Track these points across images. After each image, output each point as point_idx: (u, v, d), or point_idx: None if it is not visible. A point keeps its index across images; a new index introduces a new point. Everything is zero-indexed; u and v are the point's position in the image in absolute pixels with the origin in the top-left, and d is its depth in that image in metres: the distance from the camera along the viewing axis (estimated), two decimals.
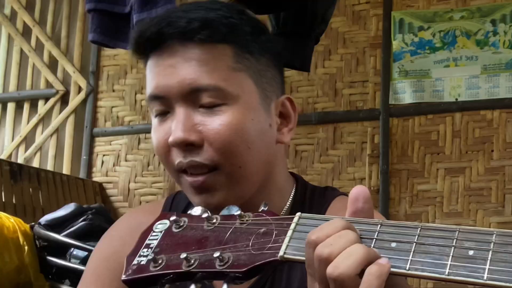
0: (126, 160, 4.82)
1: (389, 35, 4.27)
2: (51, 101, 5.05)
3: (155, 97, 1.02)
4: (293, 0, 2.43)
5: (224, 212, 0.79)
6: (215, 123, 0.98)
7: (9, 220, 3.05)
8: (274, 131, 1.04)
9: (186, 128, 0.98)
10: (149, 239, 0.80)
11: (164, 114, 1.02)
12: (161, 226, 0.82)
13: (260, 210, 0.78)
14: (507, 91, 4.00)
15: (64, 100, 5.06)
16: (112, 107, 4.95)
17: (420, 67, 4.18)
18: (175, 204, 1.16)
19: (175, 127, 0.98)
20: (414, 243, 0.67)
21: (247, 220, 0.77)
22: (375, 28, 4.35)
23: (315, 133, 4.35)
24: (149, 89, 1.03)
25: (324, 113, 4.35)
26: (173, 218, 0.81)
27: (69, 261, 3.05)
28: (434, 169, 4.07)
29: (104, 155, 4.90)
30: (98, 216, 3.28)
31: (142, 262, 0.77)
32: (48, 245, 3.11)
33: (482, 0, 4.14)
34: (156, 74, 1.02)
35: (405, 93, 4.18)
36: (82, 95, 5.00)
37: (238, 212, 0.78)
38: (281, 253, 0.71)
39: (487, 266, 0.62)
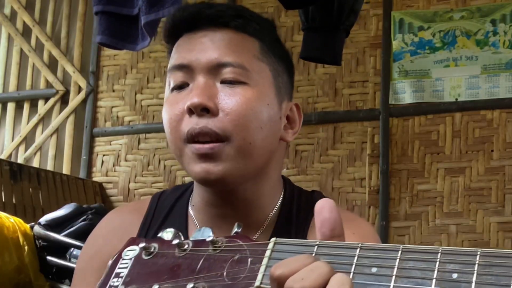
0: (126, 160, 4.82)
1: (389, 35, 4.26)
2: (51, 101, 5.05)
3: (179, 66, 1.04)
4: None
5: (197, 236, 0.76)
6: (234, 97, 1.02)
7: (9, 220, 3.05)
8: (281, 127, 1.09)
9: (204, 93, 1.01)
10: (118, 268, 0.77)
11: (182, 87, 1.04)
12: (131, 252, 0.78)
13: (233, 233, 0.74)
14: (507, 91, 3.99)
15: (64, 100, 5.06)
16: (112, 107, 4.95)
17: (420, 67, 4.18)
18: (161, 202, 1.16)
19: (193, 93, 1.01)
20: (395, 268, 0.63)
21: (219, 246, 0.73)
22: (375, 28, 4.35)
23: (315, 133, 4.35)
24: (174, 60, 1.06)
25: (324, 113, 4.35)
26: (142, 244, 0.78)
27: (69, 261, 3.05)
28: (434, 169, 4.07)
29: (104, 155, 4.90)
30: (98, 216, 3.27)
31: None
32: (48, 245, 3.11)
33: (482, 0, 4.14)
34: (184, 48, 1.06)
35: (405, 93, 4.18)
36: (82, 95, 4.99)
37: (211, 238, 0.74)
38: (257, 283, 0.68)
39: None
